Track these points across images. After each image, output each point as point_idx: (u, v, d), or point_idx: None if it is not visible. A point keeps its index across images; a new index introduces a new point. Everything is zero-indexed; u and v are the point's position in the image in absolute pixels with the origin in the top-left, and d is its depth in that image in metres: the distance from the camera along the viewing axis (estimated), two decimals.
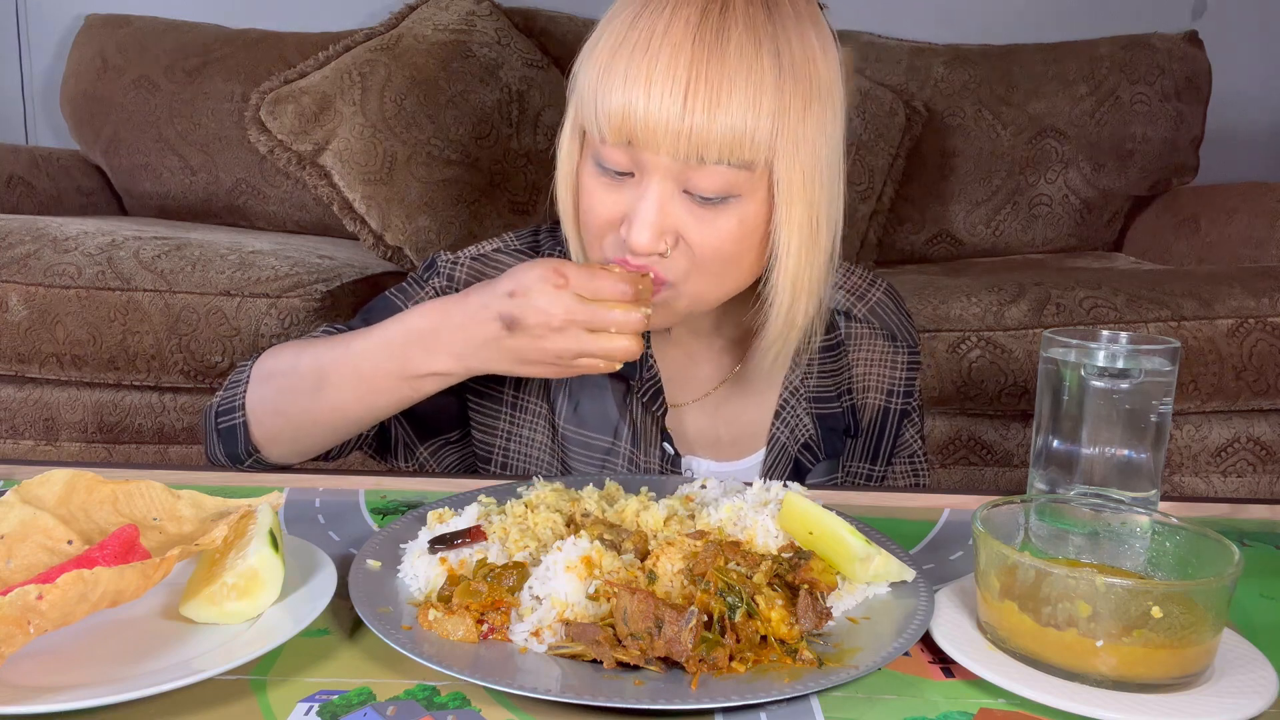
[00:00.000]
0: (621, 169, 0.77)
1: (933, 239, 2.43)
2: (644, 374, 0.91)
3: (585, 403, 0.93)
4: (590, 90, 0.75)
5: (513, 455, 0.95)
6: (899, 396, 1.00)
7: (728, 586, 0.58)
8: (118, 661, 0.55)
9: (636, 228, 0.75)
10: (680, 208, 0.76)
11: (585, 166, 0.80)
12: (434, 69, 2.11)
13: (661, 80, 0.71)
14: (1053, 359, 0.77)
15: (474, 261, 0.93)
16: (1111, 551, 0.64)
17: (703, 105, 0.71)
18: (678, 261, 0.78)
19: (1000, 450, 1.74)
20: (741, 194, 0.76)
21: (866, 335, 0.99)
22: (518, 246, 0.95)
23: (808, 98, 0.75)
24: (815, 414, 0.96)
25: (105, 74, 2.41)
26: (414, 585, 0.62)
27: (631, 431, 0.92)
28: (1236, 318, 1.65)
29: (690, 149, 0.72)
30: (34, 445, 1.77)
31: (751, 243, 0.79)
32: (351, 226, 1.99)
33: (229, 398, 0.87)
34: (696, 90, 0.71)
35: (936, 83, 2.43)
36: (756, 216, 0.78)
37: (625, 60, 0.73)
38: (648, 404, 0.91)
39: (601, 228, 0.80)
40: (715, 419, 0.96)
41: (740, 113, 0.72)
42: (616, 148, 0.75)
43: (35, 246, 1.69)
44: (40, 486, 0.65)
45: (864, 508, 0.84)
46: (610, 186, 0.78)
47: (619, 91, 0.73)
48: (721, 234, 0.77)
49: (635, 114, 0.72)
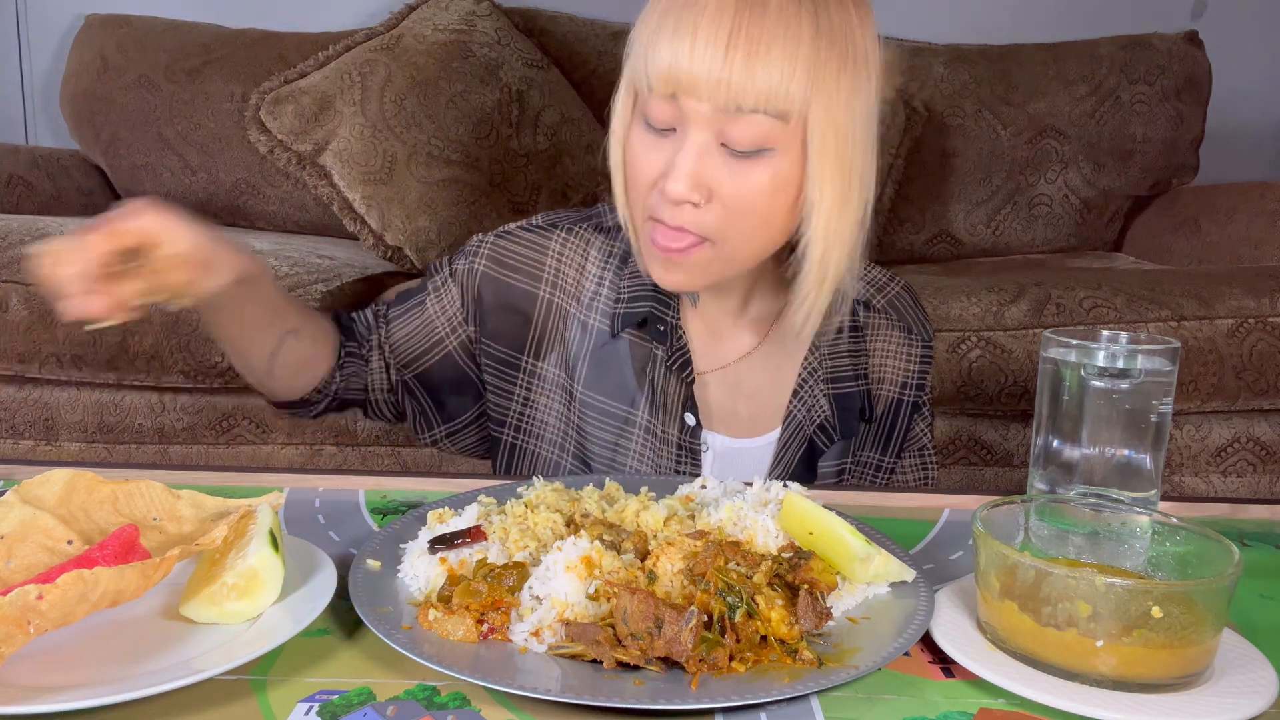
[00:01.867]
0: (665, 124, 0.82)
1: (933, 239, 2.43)
2: (674, 343, 0.94)
3: (606, 370, 0.95)
4: (642, 46, 0.82)
5: (527, 420, 0.98)
6: (912, 389, 1.02)
7: (728, 586, 0.58)
8: (118, 661, 0.55)
9: (673, 177, 0.80)
10: (716, 160, 0.81)
11: (634, 127, 0.85)
12: (434, 69, 2.11)
13: (705, 33, 0.77)
14: (1053, 359, 0.77)
15: (497, 238, 0.98)
16: (1111, 551, 0.64)
17: (742, 56, 0.77)
18: (710, 215, 0.82)
19: (1000, 450, 1.74)
20: (775, 147, 0.80)
21: (884, 326, 1.01)
22: (540, 224, 0.99)
23: (842, 60, 0.80)
24: (832, 394, 0.98)
25: (105, 74, 2.41)
26: (414, 585, 0.62)
27: (650, 402, 0.94)
28: (1236, 318, 1.65)
29: (730, 96, 0.78)
30: (34, 445, 1.77)
31: (783, 200, 0.83)
32: (351, 226, 1.99)
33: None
34: (736, 42, 0.77)
35: (936, 83, 2.43)
36: (789, 173, 0.82)
37: (675, 17, 0.79)
38: (678, 370, 0.94)
39: (645, 185, 0.84)
40: (735, 393, 0.98)
41: (778, 65, 0.77)
42: (662, 100, 0.80)
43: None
44: (40, 486, 0.65)
45: (864, 508, 0.84)
46: (654, 145, 0.83)
47: (668, 44, 0.79)
48: (754, 187, 0.81)
49: (681, 64, 0.78)
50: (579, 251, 0.97)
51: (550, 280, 0.96)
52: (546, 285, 0.96)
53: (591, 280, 0.96)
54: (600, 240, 0.97)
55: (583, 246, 0.97)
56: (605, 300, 0.95)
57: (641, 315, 0.94)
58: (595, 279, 0.96)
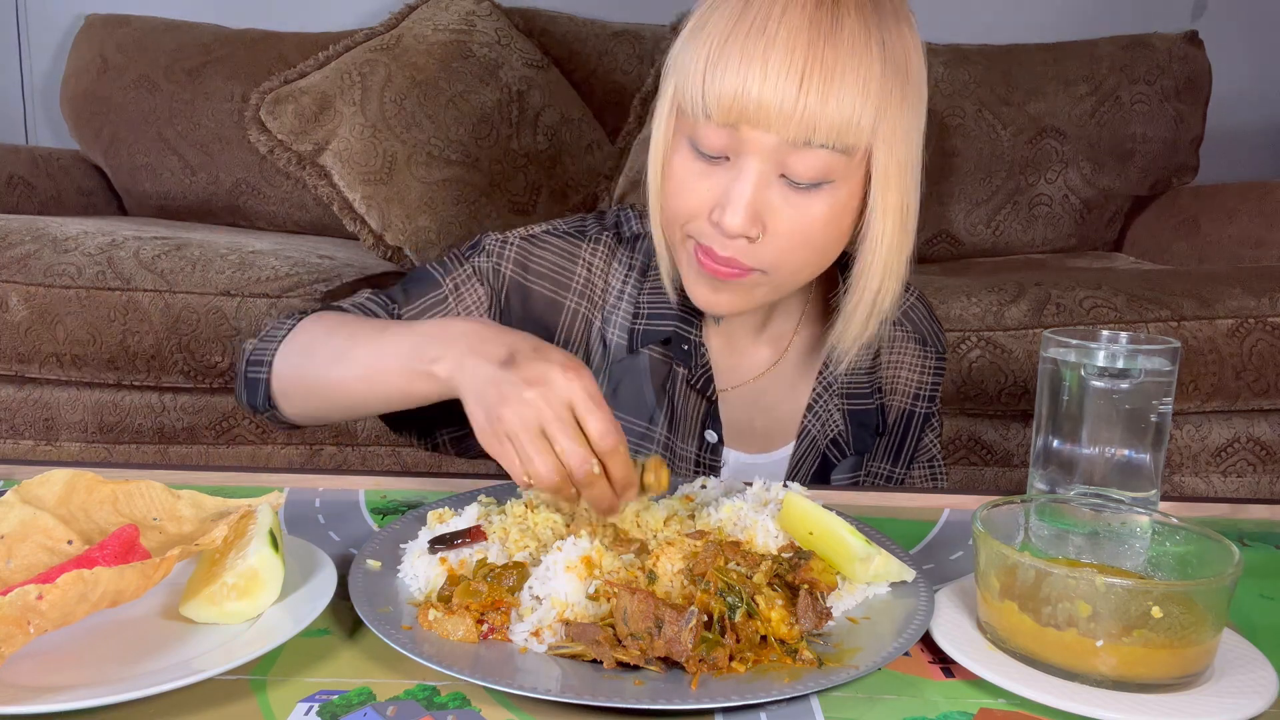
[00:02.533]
0: (718, 152, 0.78)
1: (933, 239, 2.43)
2: (698, 362, 0.92)
3: (624, 386, 0.93)
4: (698, 71, 0.76)
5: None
6: (924, 400, 1.02)
7: (728, 586, 0.58)
8: (118, 661, 0.55)
9: (731, 209, 0.76)
10: (774, 192, 0.77)
11: (678, 150, 0.81)
12: (434, 69, 2.11)
13: (778, 62, 0.73)
14: (1053, 359, 0.77)
15: (524, 241, 0.94)
16: (1111, 551, 0.64)
17: (817, 88, 0.73)
18: (764, 249, 0.79)
19: (1000, 450, 1.74)
20: (835, 179, 0.77)
21: (900, 338, 1.01)
22: (567, 230, 0.96)
23: (904, 89, 0.77)
24: (846, 409, 0.97)
25: (105, 74, 2.41)
26: (414, 585, 0.62)
27: (669, 418, 0.93)
28: (1236, 318, 1.65)
29: (801, 130, 0.74)
30: (34, 445, 1.77)
31: (836, 229, 0.81)
32: (351, 226, 1.99)
33: (263, 349, 0.87)
34: (812, 73, 0.73)
35: (936, 83, 2.43)
36: (846, 203, 0.79)
37: (740, 42, 0.74)
38: (701, 389, 0.92)
39: (688, 212, 0.80)
40: (752, 410, 0.96)
41: (851, 98, 0.74)
42: (720, 129, 0.76)
43: (35, 246, 1.69)
44: (40, 486, 0.65)
45: (864, 508, 0.84)
46: (703, 172, 0.79)
47: (734, 72, 0.74)
48: (811, 218, 0.78)
49: (749, 94, 0.74)
50: (605, 261, 0.94)
51: (579, 290, 0.93)
52: (574, 294, 0.93)
53: (613, 293, 0.94)
54: (622, 252, 0.95)
55: (608, 256, 0.94)
56: (624, 314, 0.93)
57: (664, 334, 0.92)
58: (616, 292, 0.94)
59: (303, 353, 0.85)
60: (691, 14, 0.79)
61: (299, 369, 0.85)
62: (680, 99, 0.79)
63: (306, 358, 0.85)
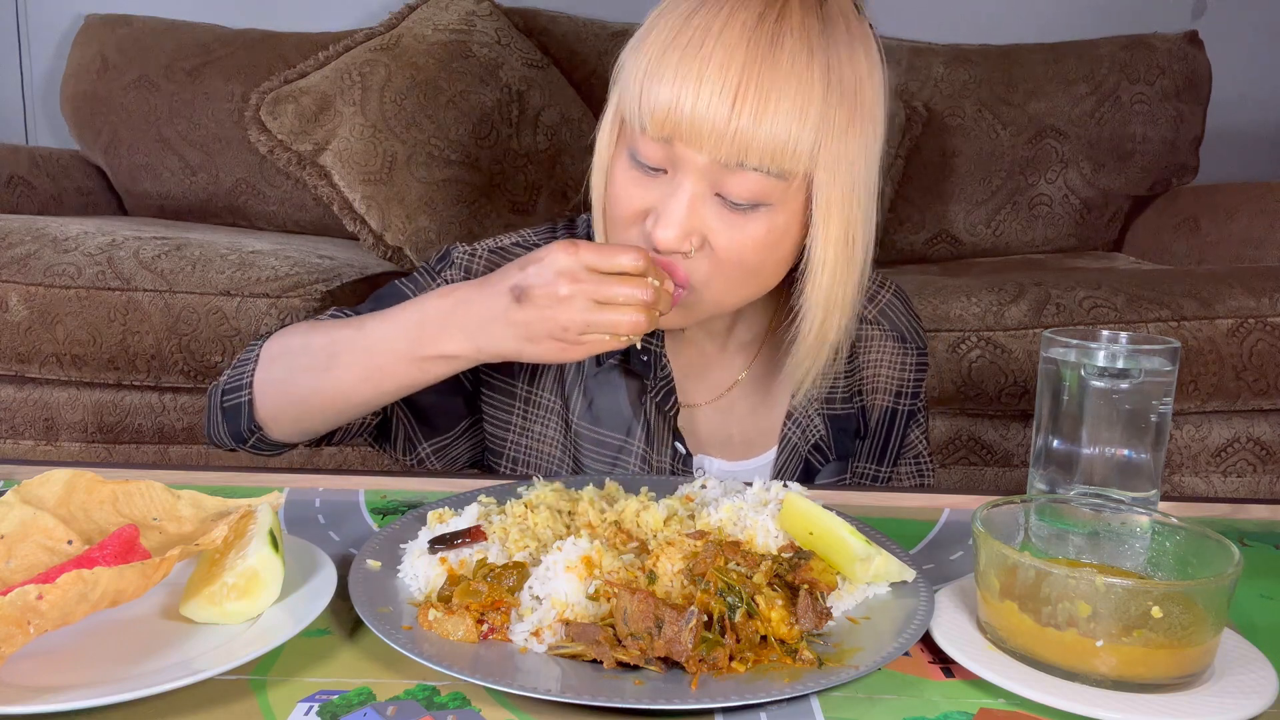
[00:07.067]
0: (656, 164, 0.76)
1: (933, 239, 2.43)
2: (658, 374, 0.90)
3: (600, 400, 0.92)
4: (637, 82, 0.75)
5: (524, 450, 0.94)
6: (906, 398, 1.01)
7: (728, 586, 0.58)
8: (118, 661, 0.55)
9: (664, 224, 0.75)
10: (710, 210, 0.76)
11: (619, 158, 0.79)
12: (434, 69, 2.11)
13: (712, 79, 0.71)
14: (1053, 359, 0.77)
15: (491, 254, 0.93)
16: (1111, 551, 0.64)
17: (750, 109, 0.71)
18: (700, 264, 0.78)
19: (1000, 450, 1.74)
20: (773, 203, 0.75)
21: (877, 337, 0.99)
22: (536, 241, 0.95)
23: (851, 116, 0.75)
24: (826, 415, 0.96)
25: (105, 74, 2.41)
26: (414, 585, 0.62)
27: (645, 430, 0.92)
28: (1236, 318, 1.65)
29: (732, 151, 0.72)
30: (34, 445, 1.77)
31: (777, 253, 0.79)
32: (351, 226, 1.99)
33: (236, 375, 0.86)
34: (746, 93, 0.71)
35: (936, 83, 2.43)
36: (786, 227, 0.77)
37: (677, 55, 0.72)
38: (660, 404, 0.91)
39: (627, 219, 0.79)
40: (728, 419, 0.96)
41: (786, 121, 0.72)
42: (655, 142, 0.75)
43: (35, 246, 1.69)
44: (40, 486, 0.65)
45: (864, 508, 0.84)
46: (640, 182, 0.78)
47: (668, 86, 0.72)
48: (748, 240, 0.76)
49: (682, 110, 0.72)
50: None
51: None
52: None
53: None
54: None
55: None
56: None
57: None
58: None
59: (284, 368, 0.84)
60: (645, 20, 0.78)
61: (284, 384, 0.84)
62: (622, 108, 0.78)
63: (290, 372, 0.84)
